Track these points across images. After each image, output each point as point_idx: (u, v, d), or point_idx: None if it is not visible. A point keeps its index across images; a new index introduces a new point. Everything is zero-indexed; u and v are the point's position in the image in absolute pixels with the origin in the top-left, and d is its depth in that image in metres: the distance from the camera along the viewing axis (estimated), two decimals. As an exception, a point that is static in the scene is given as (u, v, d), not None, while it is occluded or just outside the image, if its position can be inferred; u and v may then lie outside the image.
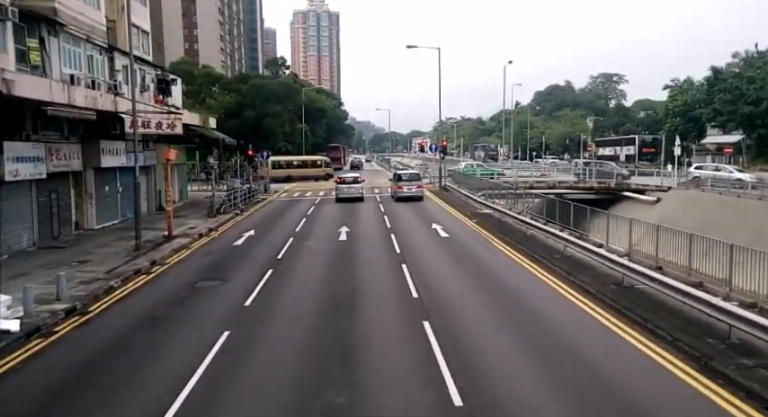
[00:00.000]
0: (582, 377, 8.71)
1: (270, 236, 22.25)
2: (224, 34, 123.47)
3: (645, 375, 8.77)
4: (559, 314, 11.96)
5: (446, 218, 26.26)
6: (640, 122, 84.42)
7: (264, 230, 23.82)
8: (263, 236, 22.31)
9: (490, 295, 13.63)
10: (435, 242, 20.40)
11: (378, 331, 11.03)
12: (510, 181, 41.17)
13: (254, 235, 22.69)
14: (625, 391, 8.26)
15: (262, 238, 21.93)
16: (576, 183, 42.35)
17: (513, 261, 17.35)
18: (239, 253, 19.00)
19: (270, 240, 21.37)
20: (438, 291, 13.78)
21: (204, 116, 33.15)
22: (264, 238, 21.90)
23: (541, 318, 11.65)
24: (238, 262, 17.61)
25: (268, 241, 21.22)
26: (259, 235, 22.70)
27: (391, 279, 15.00)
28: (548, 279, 15.06)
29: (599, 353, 9.76)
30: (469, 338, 10.45)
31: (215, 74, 61.54)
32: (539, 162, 77.43)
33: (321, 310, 12.47)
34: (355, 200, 33.76)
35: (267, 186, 43.33)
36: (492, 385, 8.45)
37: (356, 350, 9.98)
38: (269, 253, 18.67)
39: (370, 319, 11.77)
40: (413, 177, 35.16)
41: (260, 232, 23.33)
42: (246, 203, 33.98)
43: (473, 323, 11.41)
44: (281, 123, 62.37)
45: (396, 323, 11.47)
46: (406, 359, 9.48)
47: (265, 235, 22.67)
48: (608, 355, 9.66)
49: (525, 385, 8.45)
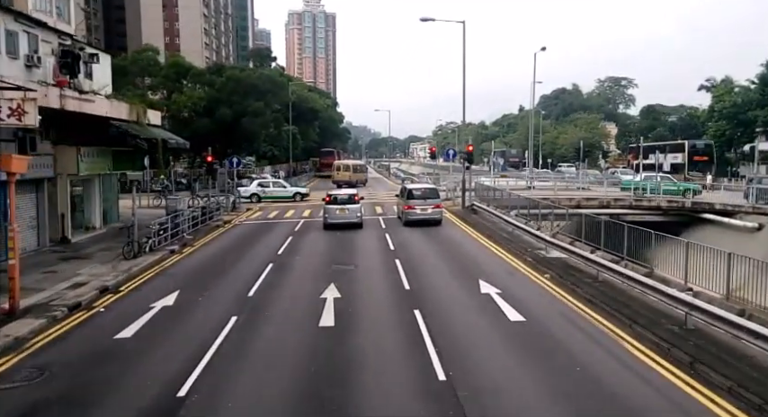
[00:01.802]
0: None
1: (197, 312, 12.43)
2: (209, 28, 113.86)
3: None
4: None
5: (496, 267, 16.50)
6: (673, 127, 75.15)
7: (196, 292, 14.00)
8: (186, 312, 12.49)
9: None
10: (504, 337, 10.57)
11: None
12: (550, 197, 31.75)
13: (171, 306, 12.87)
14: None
15: (179, 318, 12.11)
16: (637, 202, 32.84)
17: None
18: (106, 375, 9.10)
19: (192, 325, 11.55)
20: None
21: (137, 108, 23.41)
22: (184, 319, 12.07)
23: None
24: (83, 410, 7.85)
25: (188, 328, 11.42)
26: (181, 306, 12.89)
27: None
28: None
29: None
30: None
31: (184, 64, 51.72)
32: (561, 171, 68.06)
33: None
34: (350, 228, 24.06)
35: (236, 202, 33.52)
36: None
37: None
38: (171, 373, 8.90)
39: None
40: (428, 194, 25.47)
41: (186, 297, 13.52)
42: (197, 230, 24.18)
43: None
44: (262, 123, 52.48)
45: None
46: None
47: (191, 307, 12.83)
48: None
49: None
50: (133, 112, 23.17)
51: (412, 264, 16.75)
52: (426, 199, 24.90)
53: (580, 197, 33.75)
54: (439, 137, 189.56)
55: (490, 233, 22.20)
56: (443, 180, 47.86)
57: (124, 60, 52.21)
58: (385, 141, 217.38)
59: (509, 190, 33.18)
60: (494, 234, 21.98)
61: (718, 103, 60.26)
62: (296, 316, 11.92)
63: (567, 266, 15.60)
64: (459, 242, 21.11)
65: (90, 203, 23.91)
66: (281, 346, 10.17)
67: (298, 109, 71.60)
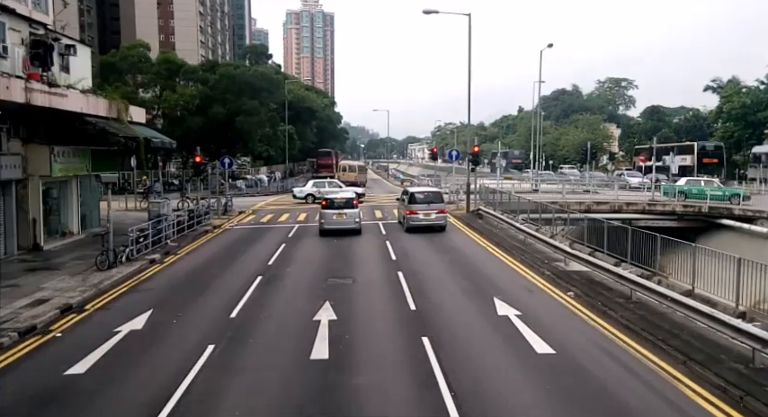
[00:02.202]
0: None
1: (169, 339, 10.66)
2: (205, 26, 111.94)
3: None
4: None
5: (511, 283, 14.74)
6: (677, 128, 73.55)
7: (171, 312, 12.23)
8: (155, 338, 10.72)
9: None
10: (533, 376, 8.72)
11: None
12: (558, 201, 30.15)
13: (140, 330, 11.09)
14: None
15: (146, 347, 10.34)
16: (650, 206, 31.19)
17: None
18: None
19: (160, 357, 9.76)
20: None
21: (118, 104, 21.60)
22: (152, 349, 10.29)
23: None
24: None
25: (155, 360, 9.63)
26: (150, 330, 11.12)
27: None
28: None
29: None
30: None
31: (176, 60, 49.84)
32: (564, 173, 66.36)
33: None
34: (348, 234, 22.31)
35: (228, 205, 31.73)
36: None
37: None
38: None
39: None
40: (432, 197, 23.70)
41: (159, 319, 11.75)
42: (183, 236, 22.40)
43: None
44: (257, 122, 50.60)
45: None
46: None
47: (162, 333, 11.07)
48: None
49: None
50: (113, 109, 21.36)
51: (416, 278, 15.01)
52: (430, 204, 23.15)
53: (590, 200, 32.10)
54: (437, 137, 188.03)
55: (499, 240, 20.46)
56: (445, 182, 46.19)
57: (113, 56, 50.43)
58: (383, 142, 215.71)
59: (514, 193, 31.53)
60: (503, 241, 20.24)
61: (727, 104, 58.64)
62: (284, 345, 10.16)
63: (591, 282, 13.85)
64: (467, 251, 19.35)
65: (67, 207, 22.10)
66: (263, 387, 8.41)
67: (294, 108, 69.78)
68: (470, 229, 24.00)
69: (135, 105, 44.30)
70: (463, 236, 22.52)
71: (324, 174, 75.54)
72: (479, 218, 26.31)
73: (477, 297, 13.08)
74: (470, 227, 24.38)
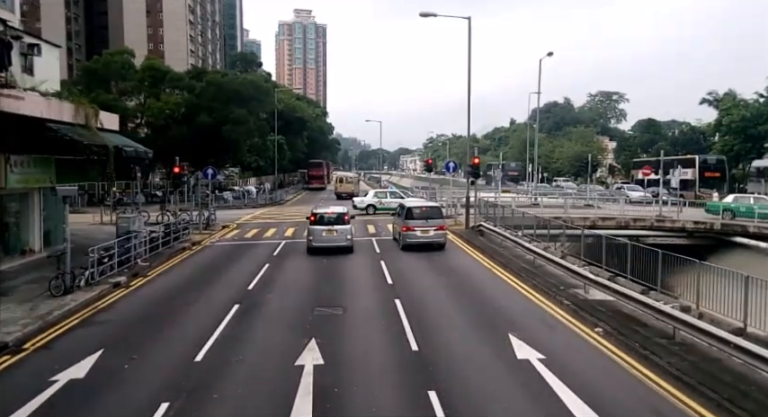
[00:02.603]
0: None
1: (114, 394, 8.57)
2: (195, 35, 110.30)
3: None
4: None
5: (527, 314, 12.79)
6: (674, 141, 72.53)
7: (125, 353, 10.17)
8: (97, 392, 8.66)
9: None
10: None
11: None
12: (561, 216, 28.43)
13: (81, 379, 9.03)
14: None
15: (83, 406, 8.28)
16: (659, 222, 29.53)
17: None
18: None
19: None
20: None
21: (86, 109, 19.60)
22: (87, 412, 8.24)
23: None
24: None
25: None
26: (94, 380, 9.06)
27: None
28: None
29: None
30: None
31: (161, 67, 47.92)
32: (561, 186, 64.90)
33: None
34: (339, 252, 20.37)
35: (211, 218, 29.68)
36: None
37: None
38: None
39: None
40: (430, 213, 21.80)
41: (108, 363, 9.70)
42: (158, 254, 20.32)
43: None
44: (246, 131, 48.69)
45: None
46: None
47: (107, 383, 9.00)
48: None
49: None
50: (80, 114, 19.31)
51: (417, 307, 13.06)
52: (428, 220, 21.27)
53: (595, 216, 30.40)
54: (429, 149, 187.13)
55: (506, 261, 18.57)
56: (441, 195, 44.37)
57: (96, 63, 48.51)
58: (375, 153, 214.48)
59: (515, 207, 29.76)
60: (510, 262, 18.36)
61: (726, 117, 57.57)
62: (256, 402, 8.15)
63: (620, 314, 11.98)
64: (471, 274, 17.44)
65: (26, 222, 20.01)
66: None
67: (285, 118, 68.01)
68: (472, 248, 22.12)
69: (117, 113, 42.38)
70: (465, 256, 20.62)
71: (315, 186, 73.88)
72: (480, 235, 24.46)
73: (490, 334, 11.15)
74: (472, 245, 22.50)
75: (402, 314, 12.42)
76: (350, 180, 54.48)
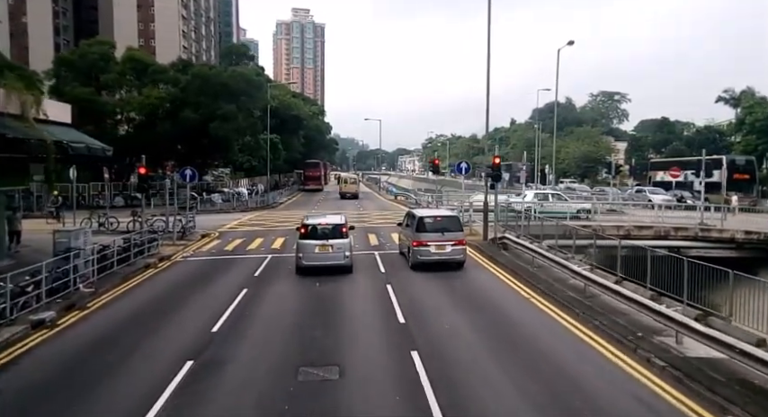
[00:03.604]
0: None
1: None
2: (188, 31, 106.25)
3: None
4: None
5: (610, 388, 8.81)
6: (690, 141, 68.88)
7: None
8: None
9: None
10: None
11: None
12: (590, 225, 24.76)
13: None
14: None
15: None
16: (703, 232, 25.74)
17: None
18: None
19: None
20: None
21: (23, 97, 15.76)
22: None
23: None
24: None
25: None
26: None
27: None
28: None
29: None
30: None
31: (143, 59, 44.00)
32: (572, 188, 61.05)
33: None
34: (335, 272, 16.52)
35: (188, 226, 25.77)
36: None
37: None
38: None
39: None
40: (447, 224, 17.82)
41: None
42: (111, 274, 16.42)
43: None
44: (235, 129, 44.78)
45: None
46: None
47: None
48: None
49: None
50: (12, 102, 15.52)
51: (444, 368, 9.20)
52: (444, 233, 17.37)
53: (629, 224, 26.57)
54: (429, 149, 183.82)
55: (547, 289, 14.69)
56: (448, 198, 40.53)
57: (72, 54, 44.64)
58: (373, 153, 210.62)
59: (538, 213, 25.88)
60: (552, 289, 14.50)
61: (750, 115, 53.90)
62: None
63: (754, 390, 8.11)
64: (507, 307, 13.52)
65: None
66: None
67: (280, 115, 64.16)
68: (497, 266, 18.25)
69: (95, 108, 38.30)
70: (491, 278, 16.74)
71: (311, 187, 69.86)
72: (504, 249, 20.58)
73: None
74: (496, 263, 18.64)
75: (425, 382, 8.57)
76: (353, 181, 58.98)
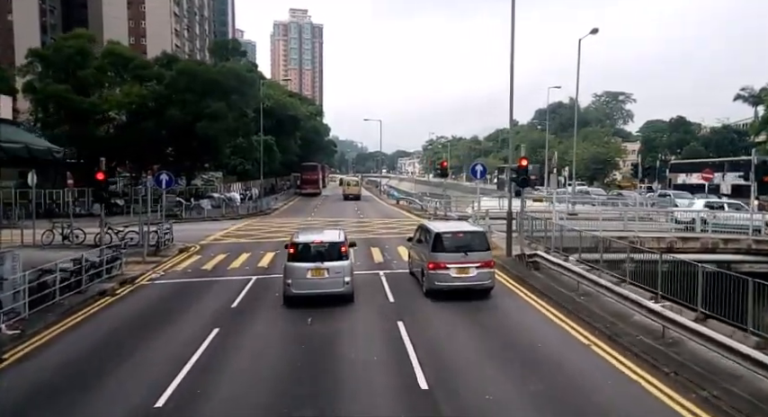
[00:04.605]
0: None
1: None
2: (180, 29, 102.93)
3: None
4: None
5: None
6: (707, 141, 65.67)
7: None
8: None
9: None
10: None
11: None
12: (626, 235, 21.47)
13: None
14: None
15: None
16: (758, 244, 22.47)
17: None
18: None
19: None
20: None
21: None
22: None
23: None
24: None
25: None
26: None
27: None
28: None
29: None
30: None
31: (124, 53, 40.60)
32: (587, 192, 57.64)
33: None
34: (331, 303, 13.13)
35: (164, 238, 22.40)
36: None
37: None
38: None
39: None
40: (470, 241, 14.32)
41: None
42: (52, 305, 13.00)
43: None
44: (225, 129, 41.40)
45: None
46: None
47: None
48: None
49: None
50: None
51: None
52: (467, 252, 13.95)
53: (672, 236, 23.24)
54: (429, 151, 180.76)
55: (611, 332, 11.26)
56: (455, 204, 37.15)
57: (47, 49, 41.28)
58: (372, 156, 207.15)
59: (560, 221, 22.49)
60: (617, 332, 11.09)
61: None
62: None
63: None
64: (568, 364, 9.91)
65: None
66: None
67: (276, 116, 60.78)
68: (532, 293, 14.83)
69: (69, 106, 34.66)
70: (531, 313, 13.29)
71: (308, 191, 66.59)
72: (534, 268, 17.19)
73: None
74: (530, 289, 15.23)
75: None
76: (355, 183, 63.57)
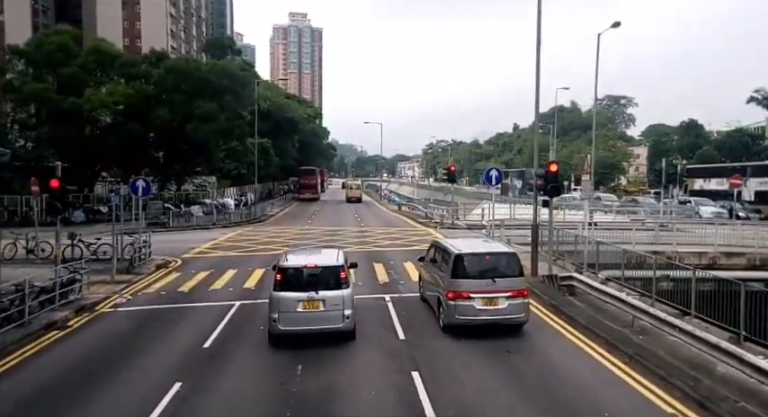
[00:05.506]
0: None
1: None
2: (176, 31, 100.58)
3: None
4: None
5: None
6: (719, 145, 63.27)
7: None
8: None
9: None
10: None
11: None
12: (662, 250, 18.81)
13: None
14: None
15: None
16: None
17: None
18: None
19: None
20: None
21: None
22: None
23: None
24: None
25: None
26: None
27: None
28: None
29: None
30: None
31: (109, 51, 38.06)
32: (598, 197, 55.05)
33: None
34: (328, 342, 10.50)
35: (142, 252, 19.76)
36: None
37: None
38: None
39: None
40: (498, 265, 11.55)
41: None
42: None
43: None
44: (218, 130, 38.82)
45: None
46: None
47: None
48: None
49: None
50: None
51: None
52: (495, 279, 11.30)
53: (715, 251, 20.61)
54: (429, 155, 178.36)
55: (693, 390, 8.66)
56: (463, 212, 34.54)
57: (28, 46, 38.73)
58: (372, 160, 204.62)
59: (586, 232, 19.85)
60: (699, 389, 8.49)
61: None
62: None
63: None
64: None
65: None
66: None
67: (273, 118, 58.29)
68: (574, 328, 12.16)
69: (50, 106, 31.79)
70: (579, 357, 10.59)
71: (307, 196, 64.06)
72: (569, 293, 14.55)
73: None
74: (569, 322, 12.58)
75: None
76: (357, 187, 67.48)
